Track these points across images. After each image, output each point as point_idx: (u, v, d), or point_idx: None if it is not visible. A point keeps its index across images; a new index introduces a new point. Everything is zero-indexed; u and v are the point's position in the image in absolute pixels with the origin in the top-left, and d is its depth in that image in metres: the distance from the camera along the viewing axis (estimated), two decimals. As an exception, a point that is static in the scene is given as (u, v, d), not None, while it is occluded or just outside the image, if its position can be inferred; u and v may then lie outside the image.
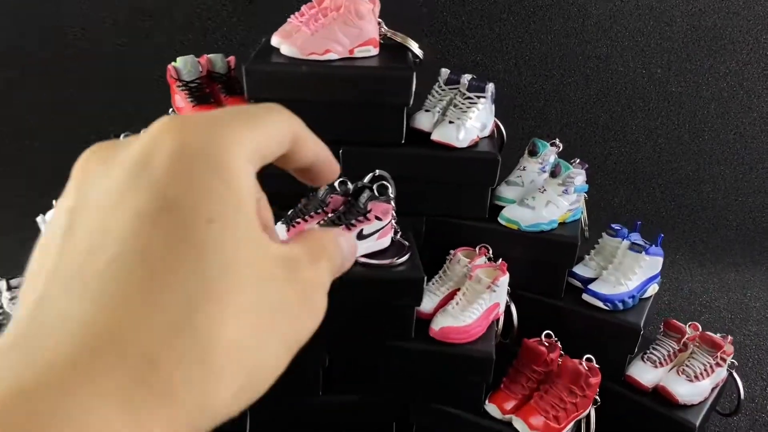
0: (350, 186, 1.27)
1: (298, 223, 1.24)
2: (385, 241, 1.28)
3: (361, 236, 1.24)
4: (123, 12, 2.09)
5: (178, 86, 1.34)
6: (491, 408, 1.29)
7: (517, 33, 2.05)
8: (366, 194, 1.24)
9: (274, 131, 0.24)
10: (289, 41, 1.27)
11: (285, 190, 1.36)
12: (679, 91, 2.08)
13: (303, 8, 1.34)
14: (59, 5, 2.08)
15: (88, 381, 0.17)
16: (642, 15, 2.00)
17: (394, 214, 1.28)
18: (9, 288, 1.46)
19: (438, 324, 1.27)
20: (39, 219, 1.48)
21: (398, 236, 1.30)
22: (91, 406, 0.16)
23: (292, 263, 0.22)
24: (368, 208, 1.23)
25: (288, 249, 0.23)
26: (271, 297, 0.21)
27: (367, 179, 1.27)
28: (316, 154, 0.27)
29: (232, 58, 1.41)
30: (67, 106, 2.18)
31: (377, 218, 1.25)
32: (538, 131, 2.00)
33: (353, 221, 1.22)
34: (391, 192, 1.25)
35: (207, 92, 1.35)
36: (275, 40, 1.31)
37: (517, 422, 1.26)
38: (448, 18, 1.99)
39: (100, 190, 0.21)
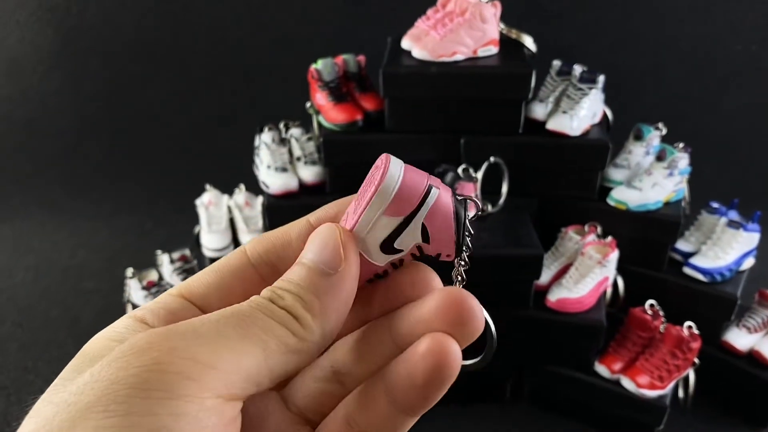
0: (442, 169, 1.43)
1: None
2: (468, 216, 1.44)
3: None
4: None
5: (319, 86, 1.52)
6: (601, 368, 1.46)
7: (613, 15, 2.12)
8: (450, 175, 1.40)
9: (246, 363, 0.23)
10: (419, 45, 1.42)
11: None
12: (774, 65, 2.13)
13: (429, 12, 1.48)
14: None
15: None
16: (738, -6, 2.04)
17: (479, 193, 1.43)
18: (171, 261, 1.71)
19: (555, 295, 1.43)
20: (197, 202, 1.71)
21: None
22: None
23: None
24: (455, 187, 1.39)
25: None
26: None
27: (483, 166, 1.43)
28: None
29: (361, 58, 1.57)
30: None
31: None
32: (632, 108, 2.08)
33: None
34: (479, 174, 1.41)
35: (344, 91, 1.52)
36: (406, 44, 1.46)
37: (625, 381, 1.42)
38: (546, 2, 2.09)
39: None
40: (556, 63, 1.54)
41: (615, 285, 1.53)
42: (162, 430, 0.20)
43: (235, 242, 1.65)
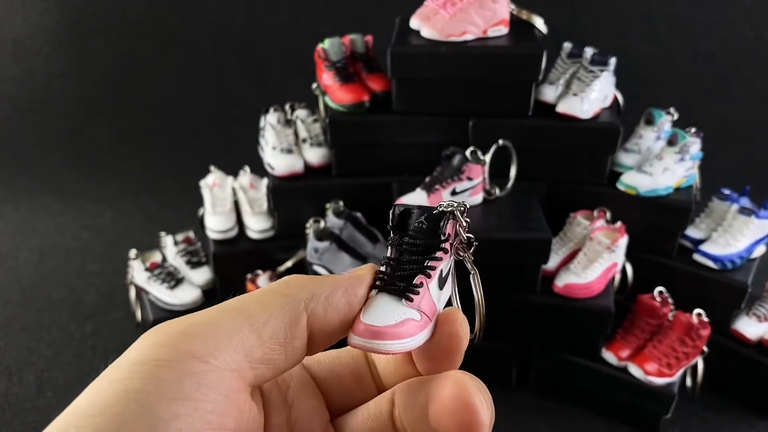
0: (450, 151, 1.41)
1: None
2: (476, 198, 1.42)
3: (454, 193, 1.39)
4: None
5: (326, 66, 1.49)
6: (608, 355, 1.44)
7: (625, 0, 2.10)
8: (459, 157, 1.38)
9: (268, 335, 0.24)
10: (428, 24, 1.40)
11: (421, 158, 1.51)
12: (788, 53, 2.09)
13: (438, -9, 1.46)
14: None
15: None
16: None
17: (487, 176, 1.41)
18: (175, 243, 1.69)
19: (562, 281, 1.41)
20: (201, 183, 1.69)
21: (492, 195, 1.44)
22: None
23: None
24: (462, 169, 1.37)
25: None
26: None
27: (492, 149, 1.41)
28: (339, 314, 0.27)
29: (369, 38, 1.55)
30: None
31: (469, 178, 1.39)
32: (642, 93, 2.05)
33: (448, 180, 1.37)
34: (487, 157, 1.39)
35: (351, 72, 1.49)
36: (414, 23, 1.44)
37: (633, 368, 1.40)
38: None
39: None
40: (567, 45, 1.52)
41: (623, 271, 1.51)
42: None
43: (240, 224, 1.63)
